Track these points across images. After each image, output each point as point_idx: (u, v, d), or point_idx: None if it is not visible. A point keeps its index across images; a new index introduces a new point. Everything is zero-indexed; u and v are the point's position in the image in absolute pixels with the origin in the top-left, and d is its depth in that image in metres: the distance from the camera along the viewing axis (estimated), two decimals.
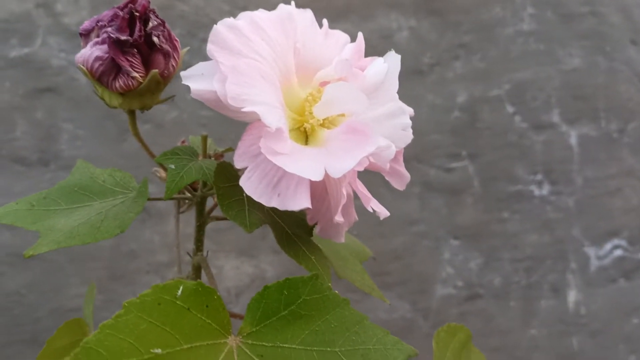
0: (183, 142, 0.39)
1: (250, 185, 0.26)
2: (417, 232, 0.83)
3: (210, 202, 0.36)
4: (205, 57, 0.30)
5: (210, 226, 0.67)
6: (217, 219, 0.33)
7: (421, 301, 0.82)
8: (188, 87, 0.31)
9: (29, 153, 0.76)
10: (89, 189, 0.31)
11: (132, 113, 0.30)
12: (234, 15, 0.95)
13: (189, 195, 0.34)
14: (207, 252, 0.33)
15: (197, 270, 0.32)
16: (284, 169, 0.25)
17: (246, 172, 0.26)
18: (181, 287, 0.23)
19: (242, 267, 0.78)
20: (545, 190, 0.89)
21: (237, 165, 0.26)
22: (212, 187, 0.33)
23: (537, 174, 0.88)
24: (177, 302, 0.23)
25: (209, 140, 0.34)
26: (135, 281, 0.75)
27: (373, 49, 0.34)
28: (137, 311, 0.22)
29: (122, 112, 0.87)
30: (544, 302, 0.87)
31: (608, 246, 0.89)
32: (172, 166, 0.29)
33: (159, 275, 0.76)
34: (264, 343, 0.25)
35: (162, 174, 0.38)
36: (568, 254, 0.88)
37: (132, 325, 0.22)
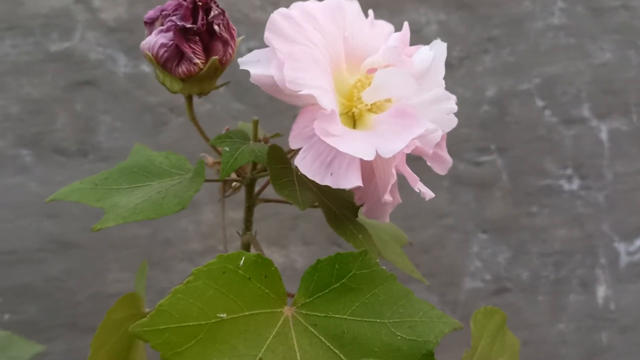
0: (227, 129, 0.41)
1: (304, 164, 0.27)
2: (446, 225, 0.84)
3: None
4: (239, 50, 0.33)
5: (238, 216, 0.69)
6: (266, 200, 0.35)
7: (449, 294, 0.83)
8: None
9: (69, 144, 0.79)
10: (147, 170, 0.33)
11: (190, 98, 0.32)
12: (265, 10, 0.96)
13: (238, 178, 0.36)
14: (256, 231, 0.35)
15: (246, 248, 0.34)
16: (336, 149, 0.27)
17: (301, 152, 0.28)
18: (243, 258, 0.25)
19: (272, 257, 0.79)
20: (575, 184, 0.89)
21: (292, 145, 0.28)
22: (261, 171, 0.35)
23: (566, 168, 0.89)
24: (240, 271, 0.25)
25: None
26: (170, 268, 0.78)
27: None
28: (205, 278, 0.24)
29: (158, 106, 0.88)
30: (572, 297, 0.87)
31: (638, 242, 0.89)
32: (227, 148, 0.31)
33: (193, 262, 0.78)
34: (317, 313, 0.26)
35: (210, 160, 0.40)
36: (597, 249, 0.88)
37: (201, 291, 0.24)
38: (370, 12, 0.35)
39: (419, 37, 0.95)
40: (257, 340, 0.25)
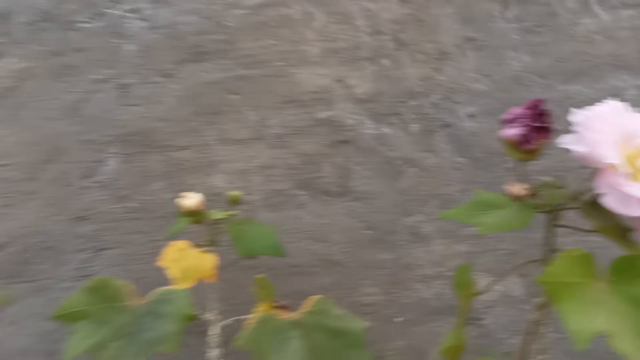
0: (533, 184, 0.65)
1: (609, 202, 0.51)
2: None
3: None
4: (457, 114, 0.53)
5: (463, 249, 0.92)
6: (563, 226, 0.58)
7: None
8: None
9: (332, 187, 1.09)
10: (487, 204, 0.58)
11: (520, 162, 0.57)
12: (480, 81, 1.23)
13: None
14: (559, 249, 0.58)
15: (547, 260, 0.58)
16: (628, 193, 0.50)
17: (606, 195, 0.51)
18: (583, 252, 0.49)
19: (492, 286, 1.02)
20: None
21: (599, 191, 0.51)
22: (558, 207, 0.58)
23: None
24: (577, 260, 0.49)
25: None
26: (409, 287, 1.03)
27: None
28: (568, 260, 0.49)
29: (395, 159, 1.16)
30: None
31: None
32: (544, 194, 0.55)
33: (427, 284, 1.03)
34: (621, 286, 0.49)
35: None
36: None
37: (569, 266, 0.48)
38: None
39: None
40: (593, 296, 0.48)
